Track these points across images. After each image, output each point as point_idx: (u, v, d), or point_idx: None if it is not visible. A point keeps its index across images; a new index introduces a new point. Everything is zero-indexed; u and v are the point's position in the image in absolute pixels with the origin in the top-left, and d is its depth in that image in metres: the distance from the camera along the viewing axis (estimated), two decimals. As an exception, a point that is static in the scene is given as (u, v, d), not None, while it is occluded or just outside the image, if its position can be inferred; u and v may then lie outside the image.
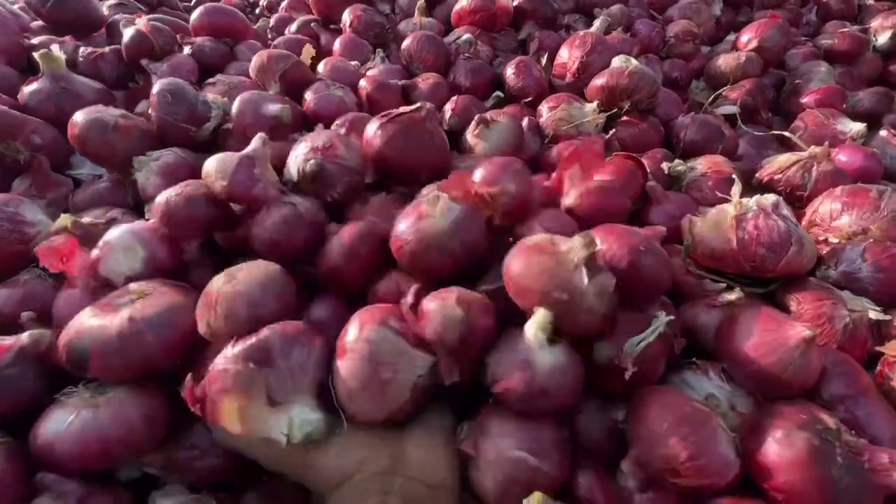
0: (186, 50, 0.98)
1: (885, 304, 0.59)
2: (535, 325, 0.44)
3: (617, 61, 0.91)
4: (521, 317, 0.47)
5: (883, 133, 0.90)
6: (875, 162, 0.82)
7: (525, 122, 0.89)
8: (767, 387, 0.50)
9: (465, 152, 0.83)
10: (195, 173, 0.71)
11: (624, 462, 0.48)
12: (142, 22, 0.92)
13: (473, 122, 0.79)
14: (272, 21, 1.33)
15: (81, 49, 0.93)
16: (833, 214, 0.70)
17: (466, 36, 1.06)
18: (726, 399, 0.52)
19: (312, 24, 1.20)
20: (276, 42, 1.10)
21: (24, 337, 0.48)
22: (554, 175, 0.68)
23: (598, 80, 0.89)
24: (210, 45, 1.00)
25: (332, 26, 1.22)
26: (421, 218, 0.52)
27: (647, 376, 0.49)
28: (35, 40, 0.94)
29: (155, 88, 0.74)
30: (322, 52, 1.18)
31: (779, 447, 0.42)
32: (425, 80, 0.97)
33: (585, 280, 0.44)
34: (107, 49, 0.95)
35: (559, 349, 0.45)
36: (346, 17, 1.11)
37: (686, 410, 0.45)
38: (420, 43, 1.02)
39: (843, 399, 0.50)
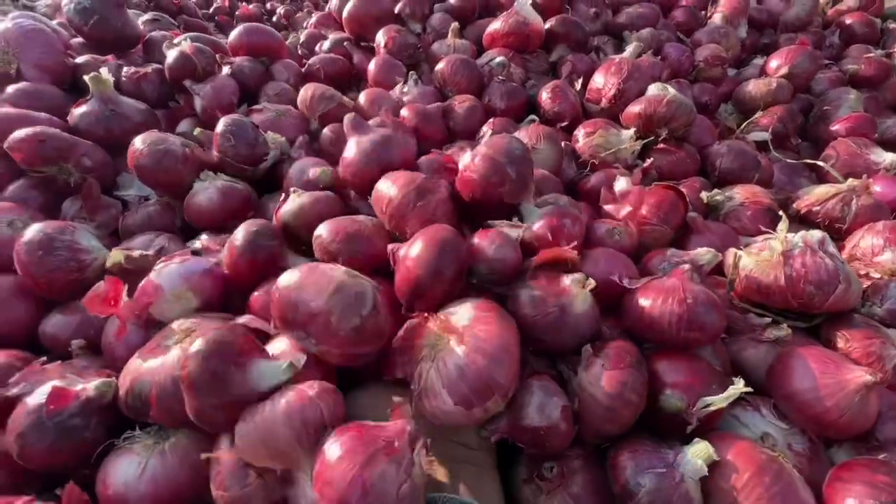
0: (226, 70, 0.99)
1: (933, 343, 0.60)
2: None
3: (654, 89, 0.92)
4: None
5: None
6: (912, 196, 0.83)
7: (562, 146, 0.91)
8: (825, 429, 0.51)
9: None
10: (249, 201, 0.72)
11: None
12: (186, 44, 0.93)
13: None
14: (302, 37, 1.34)
15: (125, 69, 0.94)
16: (875, 250, 0.71)
17: (500, 59, 1.07)
18: (783, 438, 0.53)
19: (345, 43, 1.21)
20: (311, 61, 1.12)
21: (91, 389, 0.48)
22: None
23: (636, 108, 0.90)
24: (248, 66, 1.01)
25: (363, 44, 1.23)
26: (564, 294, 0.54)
27: (707, 426, 0.50)
28: (79, 59, 0.95)
29: (219, 128, 0.75)
30: (355, 70, 1.20)
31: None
32: (461, 104, 0.98)
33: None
34: (149, 69, 0.96)
35: None
36: (381, 38, 1.13)
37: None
38: (454, 67, 1.04)
39: (900, 442, 0.50)
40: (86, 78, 0.80)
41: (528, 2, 1.08)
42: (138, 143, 0.70)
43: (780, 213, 0.70)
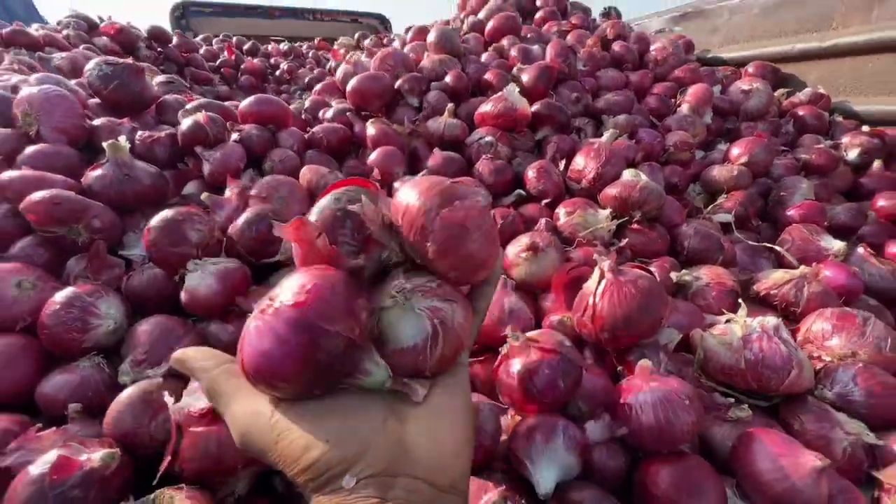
0: (234, 136, 1.06)
1: (878, 427, 0.66)
2: None
3: (628, 174, 1.02)
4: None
5: (860, 251, 1.02)
6: (857, 280, 0.92)
7: (543, 222, 0.99)
8: (783, 510, 0.55)
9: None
10: (247, 282, 0.76)
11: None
12: (200, 115, 1.00)
13: (526, 244, 0.86)
14: (307, 103, 1.44)
15: (139, 133, 1.00)
16: (824, 335, 0.78)
17: (489, 138, 1.17)
18: (746, 519, 0.57)
19: (347, 113, 1.31)
20: (315, 130, 1.20)
21: (96, 459, 0.50)
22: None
23: (612, 190, 0.99)
24: (256, 133, 1.08)
25: (363, 113, 1.33)
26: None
27: None
28: (96, 122, 1.01)
29: (243, 218, 0.80)
30: (355, 139, 1.28)
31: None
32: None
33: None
34: (163, 133, 1.02)
35: None
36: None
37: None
38: (445, 162, 1.14)
39: (848, 526, 0.55)
40: (104, 145, 0.86)
41: (516, 89, 1.19)
42: (157, 224, 0.73)
43: (740, 299, 0.77)
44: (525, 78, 1.31)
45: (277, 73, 2.93)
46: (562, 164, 1.15)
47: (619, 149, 1.15)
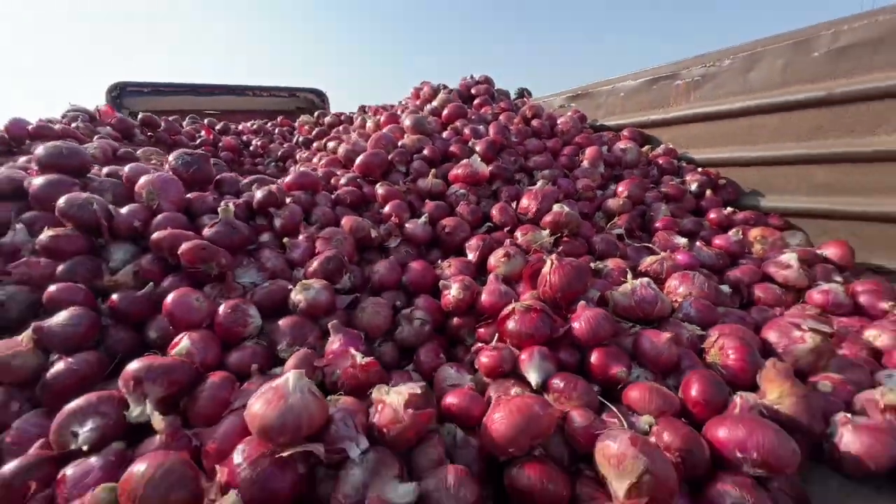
0: (289, 200, 1.50)
1: (705, 328, 1.22)
2: None
3: (556, 207, 1.60)
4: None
5: (698, 244, 1.66)
6: (695, 260, 1.54)
7: (508, 241, 1.52)
8: (662, 367, 1.07)
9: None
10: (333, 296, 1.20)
11: None
12: (273, 186, 1.43)
13: (502, 253, 1.37)
14: (320, 173, 1.90)
15: (231, 201, 1.41)
16: (676, 287, 1.37)
17: (462, 191, 1.72)
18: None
19: (358, 179, 1.79)
20: (339, 193, 1.67)
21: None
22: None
23: (548, 218, 1.56)
24: (304, 197, 1.53)
25: (369, 179, 1.82)
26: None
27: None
28: (189, 195, 1.40)
29: (323, 257, 1.24)
30: (366, 197, 1.76)
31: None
32: (450, 224, 1.58)
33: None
34: (241, 201, 1.43)
35: None
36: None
37: None
38: (437, 209, 1.66)
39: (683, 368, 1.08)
40: (219, 209, 1.26)
41: (477, 158, 1.77)
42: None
43: (629, 274, 1.34)
44: (478, 149, 1.90)
45: (251, 147, 3.35)
46: (513, 205, 1.71)
47: (548, 192, 1.74)
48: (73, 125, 2.33)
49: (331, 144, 2.60)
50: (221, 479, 0.71)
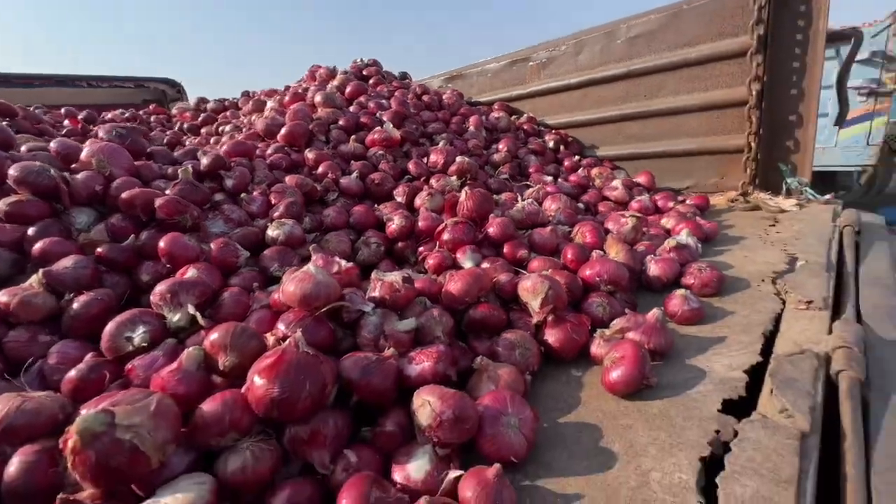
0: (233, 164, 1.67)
1: (569, 226, 1.78)
2: None
3: (459, 158, 2.04)
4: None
5: (560, 180, 2.26)
6: (558, 189, 2.13)
7: (426, 186, 1.91)
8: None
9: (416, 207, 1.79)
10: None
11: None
12: (215, 151, 1.59)
13: (426, 193, 1.75)
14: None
15: (189, 164, 1.53)
16: (549, 205, 1.92)
17: (381, 152, 2.05)
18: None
19: (285, 148, 1.99)
20: (272, 159, 1.86)
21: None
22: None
23: (454, 167, 2.00)
24: (246, 163, 1.71)
25: (294, 147, 2.03)
26: None
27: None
28: (137, 163, 1.49)
29: (281, 207, 1.47)
30: (295, 162, 1.98)
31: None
32: (377, 176, 1.90)
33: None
34: (189, 166, 1.57)
35: None
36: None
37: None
38: (363, 166, 1.97)
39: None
40: (180, 171, 1.41)
41: (389, 124, 2.11)
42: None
43: (519, 198, 1.84)
44: (387, 118, 2.24)
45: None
46: (424, 160, 2.10)
47: (450, 149, 2.17)
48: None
49: (227, 128, 2.67)
50: (275, 335, 0.98)
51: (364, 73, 3.03)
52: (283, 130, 1.99)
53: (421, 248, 1.63)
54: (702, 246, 1.70)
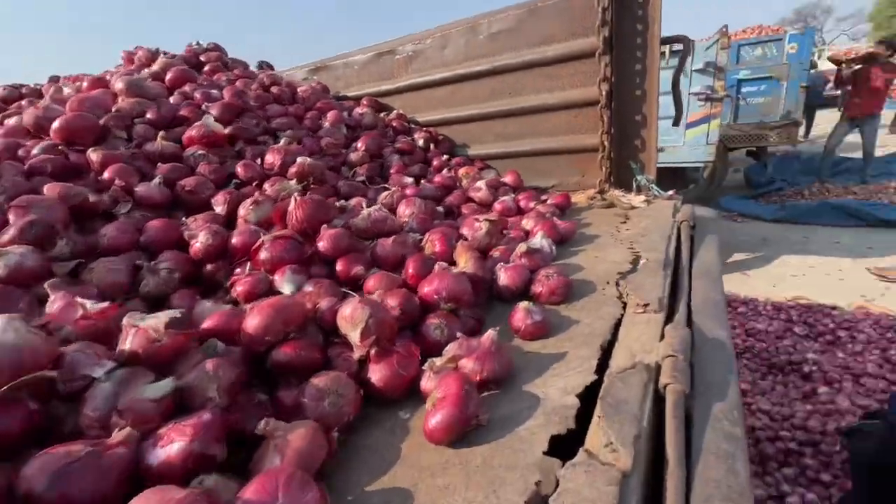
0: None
1: (422, 233, 1.61)
2: None
3: (300, 159, 1.76)
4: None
5: (423, 181, 2.10)
6: (418, 191, 1.96)
7: (258, 192, 1.61)
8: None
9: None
10: None
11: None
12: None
13: (250, 201, 1.44)
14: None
15: None
16: (403, 210, 1.73)
17: (201, 152, 1.69)
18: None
19: (59, 147, 1.53)
20: (35, 161, 1.41)
21: None
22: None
23: (293, 169, 1.72)
24: None
25: (76, 146, 1.58)
26: None
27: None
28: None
29: (11, 230, 1.06)
30: (73, 166, 1.54)
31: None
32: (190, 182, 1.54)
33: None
34: None
35: None
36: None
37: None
38: (173, 169, 1.59)
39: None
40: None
41: (211, 118, 1.75)
42: None
43: (364, 204, 1.63)
44: (214, 112, 1.87)
45: None
46: (258, 162, 1.79)
47: (292, 149, 1.88)
48: None
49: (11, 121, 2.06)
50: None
51: (202, 58, 2.57)
52: (55, 124, 1.53)
53: (238, 271, 1.33)
54: (557, 248, 1.64)
